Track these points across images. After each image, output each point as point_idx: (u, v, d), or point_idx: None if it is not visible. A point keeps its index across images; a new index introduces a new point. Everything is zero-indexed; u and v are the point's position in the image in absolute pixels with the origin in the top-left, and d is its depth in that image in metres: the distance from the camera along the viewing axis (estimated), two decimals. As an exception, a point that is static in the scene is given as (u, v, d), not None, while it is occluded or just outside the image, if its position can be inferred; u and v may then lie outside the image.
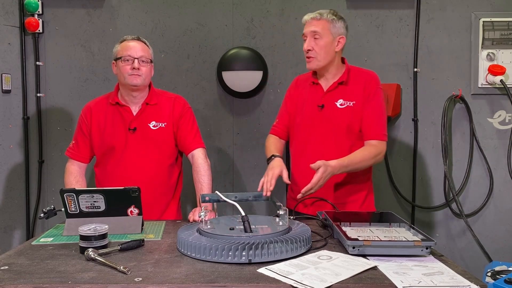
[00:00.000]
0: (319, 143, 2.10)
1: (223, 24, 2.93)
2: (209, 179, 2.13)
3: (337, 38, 2.07)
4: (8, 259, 1.47)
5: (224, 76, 2.87)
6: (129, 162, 2.13)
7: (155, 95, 2.19)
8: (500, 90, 2.88)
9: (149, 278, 1.29)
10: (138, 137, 2.13)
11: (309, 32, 2.06)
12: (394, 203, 2.99)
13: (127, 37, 2.16)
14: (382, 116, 2.09)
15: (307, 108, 2.14)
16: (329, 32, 2.05)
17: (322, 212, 1.87)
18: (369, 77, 2.11)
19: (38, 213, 2.93)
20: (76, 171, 2.20)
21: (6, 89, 2.84)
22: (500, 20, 2.85)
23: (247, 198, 1.87)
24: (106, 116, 2.17)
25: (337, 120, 2.08)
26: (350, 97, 2.08)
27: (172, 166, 2.20)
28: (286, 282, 1.25)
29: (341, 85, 2.10)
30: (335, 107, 2.09)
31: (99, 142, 2.17)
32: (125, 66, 2.08)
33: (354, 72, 2.14)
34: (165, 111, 2.17)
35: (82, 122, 2.21)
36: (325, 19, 2.05)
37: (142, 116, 2.15)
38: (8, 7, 2.85)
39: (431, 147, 2.96)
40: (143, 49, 2.12)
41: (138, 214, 1.77)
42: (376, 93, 2.08)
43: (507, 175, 2.88)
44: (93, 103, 2.23)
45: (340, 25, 2.07)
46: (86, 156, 2.22)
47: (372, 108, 2.07)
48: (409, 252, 1.45)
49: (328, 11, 2.07)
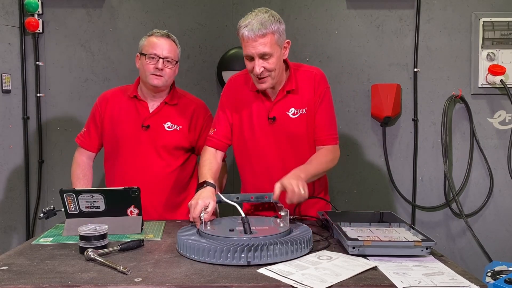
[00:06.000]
0: (276, 157, 1.93)
1: (223, 24, 2.93)
2: (218, 168, 1.97)
3: (283, 45, 1.84)
4: (8, 259, 1.47)
5: (224, 76, 2.87)
6: (138, 160, 2.06)
7: (176, 96, 2.12)
8: (500, 90, 2.88)
9: (149, 278, 1.29)
10: (150, 136, 2.06)
11: (256, 53, 1.77)
12: (394, 203, 2.99)
13: (156, 32, 2.05)
14: (332, 118, 1.96)
15: (255, 122, 1.93)
16: (277, 46, 1.78)
17: (322, 212, 1.87)
18: (317, 77, 1.92)
19: (38, 213, 2.93)
20: (84, 163, 2.16)
21: (6, 89, 2.84)
22: (500, 20, 2.85)
23: (249, 199, 1.86)
24: (121, 108, 2.10)
25: (292, 131, 1.91)
26: (301, 104, 1.91)
27: (182, 168, 2.13)
28: (286, 282, 1.25)
29: (290, 93, 1.91)
30: (288, 117, 1.90)
31: (110, 134, 2.11)
32: (149, 65, 2.00)
33: (300, 74, 1.93)
34: (183, 113, 2.10)
35: (96, 110, 2.15)
36: (270, 31, 1.74)
37: (159, 114, 2.08)
38: (8, 7, 2.84)
39: (431, 147, 2.96)
40: (170, 48, 2.03)
41: (138, 214, 1.77)
42: (325, 95, 1.92)
43: (507, 175, 2.88)
44: (110, 92, 2.17)
45: (283, 28, 1.81)
46: (96, 145, 2.17)
47: (323, 112, 1.92)
48: (409, 252, 1.45)
49: (268, 17, 1.76)
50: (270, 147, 1.92)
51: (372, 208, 2.88)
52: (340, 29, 2.91)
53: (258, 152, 1.95)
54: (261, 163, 1.96)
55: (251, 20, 1.75)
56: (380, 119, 2.86)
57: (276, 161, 1.93)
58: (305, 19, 2.92)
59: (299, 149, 1.92)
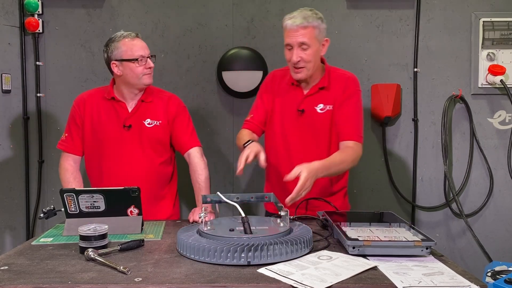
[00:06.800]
0: (299, 148, 2.06)
1: (223, 24, 2.93)
2: (207, 178, 2.13)
3: (322, 42, 2.01)
4: (8, 259, 1.47)
5: (224, 76, 2.87)
6: (124, 159, 2.11)
7: (150, 93, 2.17)
8: (500, 90, 2.88)
9: (149, 278, 1.29)
10: (133, 134, 2.12)
11: (296, 42, 1.95)
12: (394, 203, 2.99)
13: (126, 34, 2.08)
14: (359, 118, 2.06)
15: (286, 111, 2.09)
16: (316, 40, 1.97)
17: (322, 212, 1.87)
18: (349, 80, 2.07)
19: (38, 213, 2.93)
20: (72, 167, 2.17)
21: (6, 89, 2.84)
22: (500, 20, 2.85)
23: (249, 199, 1.86)
24: (99, 110, 2.14)
25: (317, 125, 2.05)
26: (329, 101, 2.05)
27: (165, 164, 2.19)
28: (286, 282, 1.25)
29: (322, 90, 2.06)
30: (315, 112, 2.05)
31: (90, 136, 2.15)
32: (139, 67, 2.05)
33: (334, 75, 2.09)
34: (160, 109, 2.16)
35: (75, 113, 2.18)
36: (311, 25, 1.94)
37: (138, 113, 2.13)
38: (8, 7, 2.84)
39: (431, 147, 2.96)
40: (146, 46, 2.10)
41: (138, 214, 1.77)
42: (354, 95, 2.05)
43: (507, 175, 2.88)
44: (86, 94, 2.21)
45: (323, 28, 1.99)
46: (81, 148, 2.19)
47: (349, 109, 2.03)
48: (409, 252, 1.45)
49: (311, 14, 1.96)
50: (294, 136, 2.05)
51: (372, 208, 2.88)
52: (340, 29, 2.91)
53: (283, 139, 2.10)
54: (284, 149, 2.10)
55: (296, 14, 1.96)
56: (380, 119, 2.86)
57: (298, 149, 2.07)
58: (305, 19, 2.92)
59: (321, 142, 2.05)
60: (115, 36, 2.10)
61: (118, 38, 2.08)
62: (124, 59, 2.05)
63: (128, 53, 2.05)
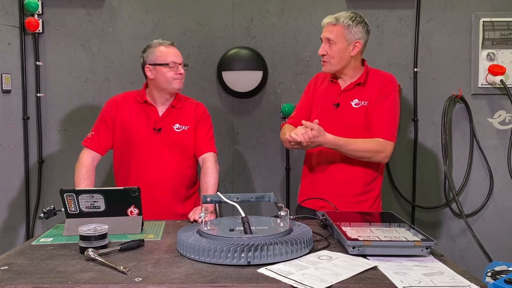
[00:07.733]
0: None
1: (223, 24, 2.93)
2: (215, 182, 2.17)
3: (352, 43, 2.07)
4: (8, 259, 1.47)
5: (224, 76, 2.87)
6: (152, 160, 2.20)
7: (180, 100, 2.27)
8: (500, 90, 2.88)
9: (149, 278, 1.29)
10: (162, 138, 2.21)
11: (324, 37, 2.10)
12: (394, 203, 2.99)
13: (162, 42, 2.20)
14: (393, 116, 2.10)
15: (323, 106, 2.18)
16: (343, 38, 2.06)
17: (322, 212, 1.87)
18: (387, 78, 2.13)
19: (38, 213, 2.93)
20: (90, 164, 2.20)
21: (6, 89, 2.84)
22: (500, 20, 2.85)
23: (249, 199, 1.86)
24: (131, 112, 2.23)
25: (351, 119, 2.10)
26: (365, 97, 2.10)
27: (192, 167, 2.29)
28: (286, 282, 1.25)
29: (358, 86, 2.12)
30: (350, 106, 2.11)
31: (121, 137, 2.23)
32: (170, 72, 2.15)
33: (373, 74, 2.16)
34: (188, 114, 2.26)
35: (106, 114, 2.25)
36: (340, 25, 2.06)
37: (168, 117, 2.22)
38: (8, 7, 2.85)
39: (431, 147, 2.96)
40: (180, 54, 2.21)
41: (138, 214, 1.77)
42: (390, 93, 2.09)
43: (507, 175, 2.88)
44: (119, 97, 2.29)
45: (357, 30, 2.07)
46: (105, 147, 2.26)
47: (384, 107, 2.08)
48: (409, 252, 1.45)
49: (346, 16, 2.07)
50: (329, 129, 2.06)
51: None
52: (340, 29, 2.91)
53: None
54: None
55: (334, 14, 2.10)
56: (380, 119, 2.85)
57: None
58: (305, 19, 2.93)
59: (352, 137, 2.06)
60: (152, 43, 2.22)
61: (154, 45, 2.20)
62: (157, 63, 2.16)
63: (161, 58, 2.16)
